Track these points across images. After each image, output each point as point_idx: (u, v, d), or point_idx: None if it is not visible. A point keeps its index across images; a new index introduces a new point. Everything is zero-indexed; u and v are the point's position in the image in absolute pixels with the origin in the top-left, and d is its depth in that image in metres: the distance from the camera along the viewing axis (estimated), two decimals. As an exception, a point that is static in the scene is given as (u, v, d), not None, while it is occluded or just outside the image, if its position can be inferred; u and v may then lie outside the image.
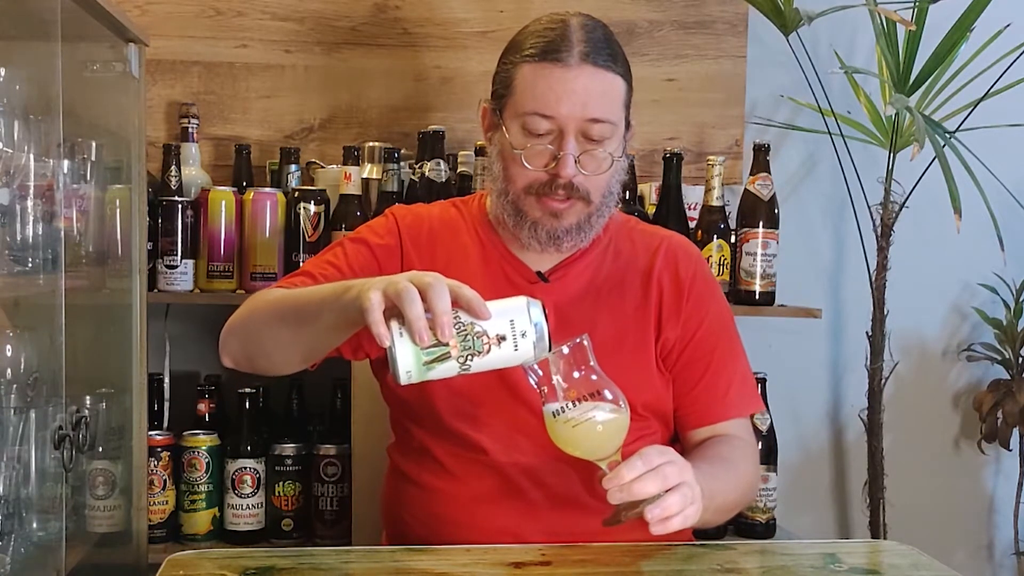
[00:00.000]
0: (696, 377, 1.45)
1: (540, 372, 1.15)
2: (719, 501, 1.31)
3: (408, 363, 1.07)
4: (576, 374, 1.16)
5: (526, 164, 1.35)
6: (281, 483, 2.02)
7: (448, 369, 1.08)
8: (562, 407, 1.15)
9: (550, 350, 1.11)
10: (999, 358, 2.53)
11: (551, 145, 1.34)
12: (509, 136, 1.37)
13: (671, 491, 1.17)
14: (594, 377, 1.17)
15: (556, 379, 1.15)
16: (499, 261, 1.45)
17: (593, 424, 1.15)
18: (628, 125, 1.40)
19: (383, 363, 1.46)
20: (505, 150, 1.38)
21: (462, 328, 1.07)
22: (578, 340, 1.16)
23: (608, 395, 1.17)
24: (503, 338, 1.08)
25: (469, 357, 1.08)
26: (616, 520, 1.18)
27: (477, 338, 1.08)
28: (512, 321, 1.09)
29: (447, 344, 1.06)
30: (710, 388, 1.45)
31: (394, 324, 1.07)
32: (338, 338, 1.27)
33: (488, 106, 1.43)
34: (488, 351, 1.08)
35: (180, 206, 1.97)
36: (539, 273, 1.44)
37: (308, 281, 1.38)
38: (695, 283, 1.46)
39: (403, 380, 1.09)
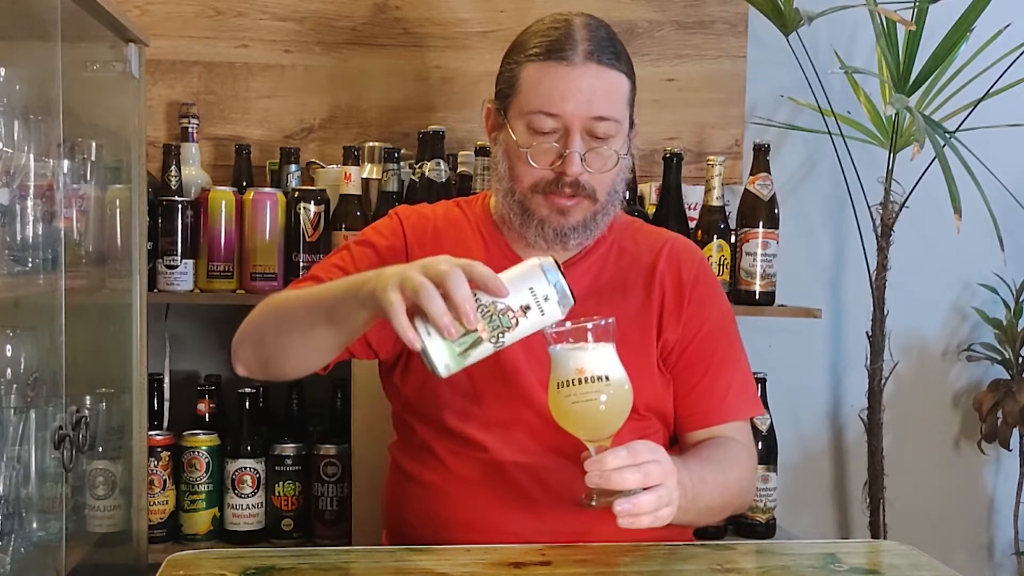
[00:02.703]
0: (695, 379, 1.45)
1: (558, 338, 1.15)
2: (703, 504, 1.31)
3: (444, 358, 1.08)
4: (593, 352, 1.16)
5: (532, 163, 1.36)
6: (281, 483, 2.02)
7: (483, 351, 1.08)
8: (569, 380, 1.15)
9: (573, 299, 1.10)
10: (999, 358, 2.53)
11: (556, 143, 1.35)
12: (515, 135, 1.37)
13: (648, 490, 1.17)
14: (609, 360, 1.17)
15: (573, 352, 1.15)
16: (503, 262, 1.45)
17: (596, 405, 1.15)
18: (632, 124, 1.41)
19: (390, 365, 1.46)
20: (511, 149, 1.38)
21: (486, 309, 1.07)
22: (604, 321, 1.16)
23: (616, 381, 1.17)
24: (527, 308, 1.08)
25: (500, 334, 1.08)
26: (587, 503, 1.18)
27: (503, 315, 1.08)
28: (532, 289, 1.09)
29: (476, 330, 1.06)
30: (709, 391, 1.45)
31: (419, 323, 1.07)
32: (356, 333, 1.26)
33: (492, 106, 1.44)
34: (516, 324, 1.08)
35: (180, 206, 1.97)
36: None
37: (316, 284, 1.38)
38: (697, 285, 1.47)
39: (443, 374, 1.09)
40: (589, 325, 1.15)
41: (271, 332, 1.33)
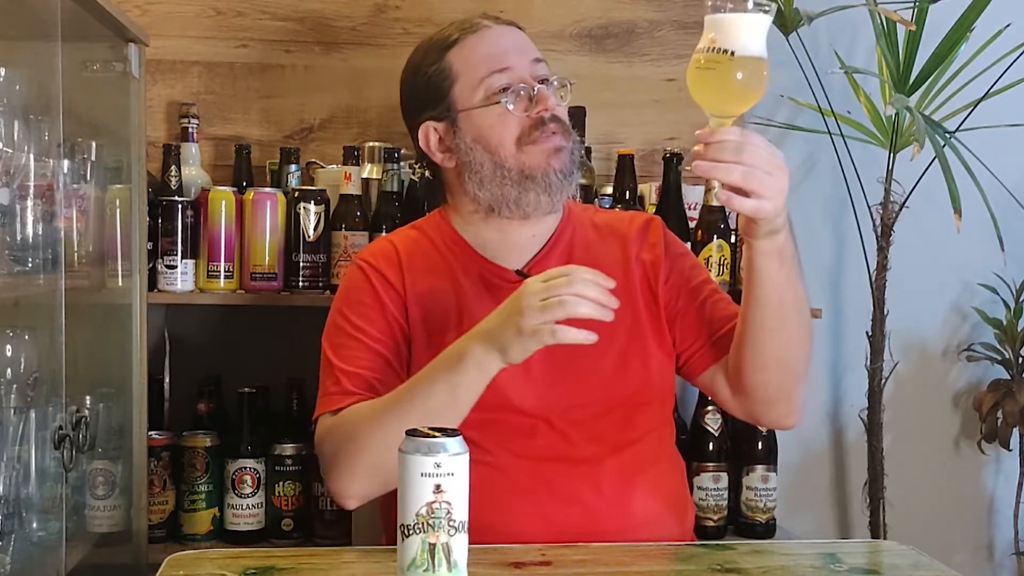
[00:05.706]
0: (702, 295, 1.49)
1: (714, 8, 1.13)
2: (795, 287, 1.39)
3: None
4: (735, 24, 1.13)
5: (510, 108, 1.41)
6: (281, 483, 2.02)
7: (458, 543, 1.05)
8: (705, 47, 1.14)
9: (461, 446, 1.06)
10: (999, 358, 2.53)
11: (522, 87, 1.42)
12: (478, 102, 1.42)
13: (740, 166, 1.19)
14: (751, 37, 1.13)
15: (716, 19, 1.13)
16: (476, 270, 1.46)
17: (721, 75, 1.13)
18: None
19: None
20: (481, 128, 1.43)
21: (418, 521, 1.04)
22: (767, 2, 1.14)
23: (751, 58, 1.13)
24: (439, 487, 1.04)
25: (448, 523, 1.04)
26: (683, 166, 1.19)
27: (432, 514, 1.04)
28: (423, 473, 1.04)
29: (432, 543, 1.04)
30: (716, 293, 1.51)
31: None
32: (468, 403, 1.27)
33: (429, 120, 1.47)
34: (447, 504, 1.04)
35: (180, 206, 1.97)
36: (518, 271, 1.45)
37: (360, 378, 1.38)
38: (668, 244, 1.52)
39: None
40: (750, 3, 1.12)
41: (381, 453, 1.27)
